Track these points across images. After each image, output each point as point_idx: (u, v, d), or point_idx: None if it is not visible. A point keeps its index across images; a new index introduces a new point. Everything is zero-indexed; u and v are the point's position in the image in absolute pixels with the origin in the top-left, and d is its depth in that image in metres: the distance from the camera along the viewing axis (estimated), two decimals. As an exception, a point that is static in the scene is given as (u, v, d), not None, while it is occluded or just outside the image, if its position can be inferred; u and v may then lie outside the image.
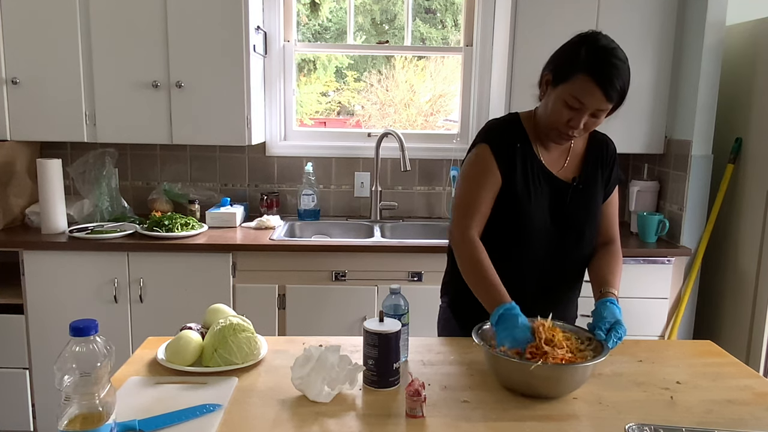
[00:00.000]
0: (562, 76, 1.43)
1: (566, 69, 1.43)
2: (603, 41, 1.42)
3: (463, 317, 1.68)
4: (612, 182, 1.65)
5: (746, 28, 2.66)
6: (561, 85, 1.43)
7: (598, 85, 1.38)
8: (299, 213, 3.02)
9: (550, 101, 1.48)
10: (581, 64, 1.39)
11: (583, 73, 1.39)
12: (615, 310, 1.42)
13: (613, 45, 1.42)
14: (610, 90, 1.38)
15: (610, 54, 1.40)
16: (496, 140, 1.55)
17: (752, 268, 2.55)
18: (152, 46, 2.59)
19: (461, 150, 3.11)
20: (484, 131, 1.60)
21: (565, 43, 1.48)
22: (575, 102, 1.41)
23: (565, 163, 1.60)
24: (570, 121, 1.45)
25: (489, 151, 1.54)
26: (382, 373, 1.30)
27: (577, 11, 2.63)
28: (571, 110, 1.43)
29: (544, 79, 1.50)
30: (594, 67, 1.38)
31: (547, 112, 1.49)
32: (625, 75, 1.40)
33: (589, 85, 1.39)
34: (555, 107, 1.46)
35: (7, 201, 2.69)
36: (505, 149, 1.54)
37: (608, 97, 1.39)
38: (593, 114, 1.44)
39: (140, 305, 2.51)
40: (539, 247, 1.57)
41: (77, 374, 0.92)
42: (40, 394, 2.56)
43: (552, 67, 1.48)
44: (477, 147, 1.58)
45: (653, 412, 1.24)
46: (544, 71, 1.51)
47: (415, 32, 3.26)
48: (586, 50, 1.40)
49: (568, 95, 1.42)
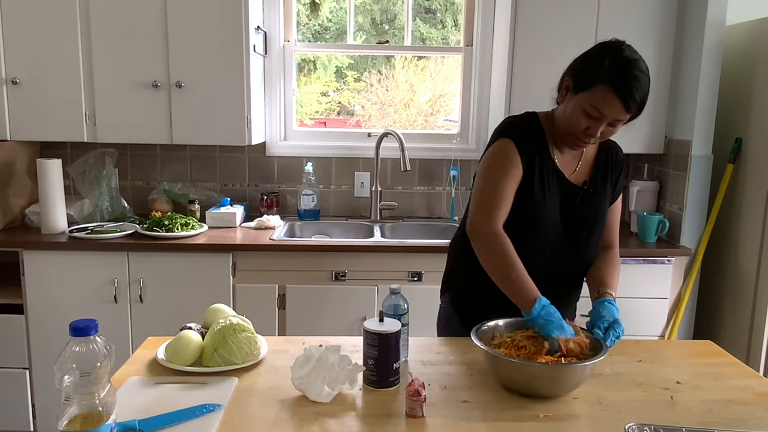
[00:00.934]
0: (583, 84, 1.44)
1: (588, 77, 1.43)
2: (626, 52, 1.42)
3: (466, 314, 1.68)
4: (618, 188, 1.66)
5: (746, 28, 2.66)
6: (582, 93, 1.44)
7: (619, 96, 1.39)
8: (299, 213, 3.02)
9: (569, 107, 1.48)
10: (604, 74, 1.40)
11: (605, 83, 1.39)
12: (613, 310, 1.44)
13: (636, 56, 1.42)
14: (630, 102, 1.39)
15: (632, 65, 1.40)
16: (519, 135, 1.55)
17: (752, 268, 2.55)
18: (152, 46, 2.59)
19: (461, 150, 3.12)
20: (505, 127, 1.59)
21: (588, 51, 1.49)
22: (594, 111, 1.42)
23: (577, 167, 1.60)
24: (588, 129, 1.46)
25: (513, 145, 1.53)
26: (382, 373, 1.30)
27: (577, 11, 2.63)
28: (590, 119, 1.44)
29: (565, 84, 1.50)
30: (616, 79, 1.39)
31: (566, 118, 1.49)
32: (645, 87, 1.41)
33: (609, 96, 1.39)
34: (574, 114, 1.46)
35: (7, 201, 2.69)
36: (527, 146, 1.54)
37: (628, 109, 1.40)
38: (611, 123, 1.45)
39: (140, 305, 2.51)
40: (547, 248, 1.57)
41: (77, 374, 0.92)
42: (40, 394, 2.56)
43: (573, 74, 1.48)
44: (499, 141, 1.56)
45: (653, 412, 1.24)
46: (565, 76, 1.51)
47: (415, 32, 3.26)
48: (609, 60, 1.41)
49: (588, 104, 1.42)
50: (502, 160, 1.54)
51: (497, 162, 1.54)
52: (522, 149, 1.53)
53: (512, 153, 1.53)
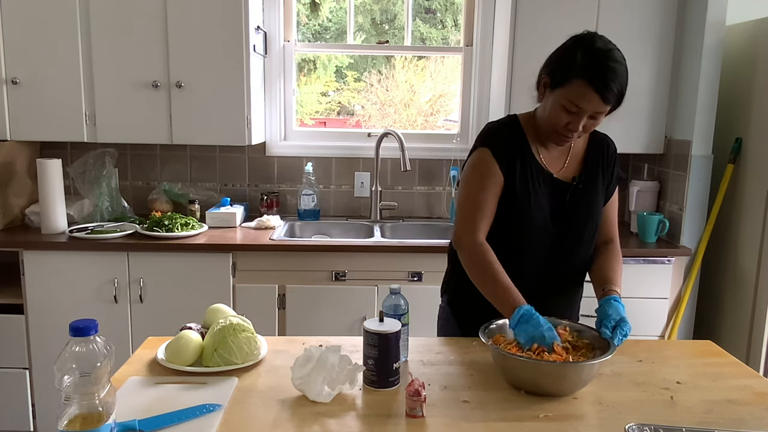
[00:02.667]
0: (558, 80, 1.43)
1: (563, 73, 1.42)
2: (599, 43, 1.41)
3: (462, 317, 1.69)
4: (613, 182, 1.65)
5: (746, 28, 2.66)
6: (558, 89, 1.43)
7: (595, 90, 1.37)
8: (299, 213, 3.02)
9: (548, 104, 1.47)
10: (577, 68, 1.39)
11: (580, 78, 1.38)
12: (619, 308, 1.43)
13: (609, 46, 1.41)
14: (607, 94, 1.38)
15: (606, 57, 1.39)
16: (496, 143, 1.55)
17: (752, 268, 2.55)
18: (152, 46, 2.59)
19: (461, 150, 3.11)
20: (483, 135, 1.60)
21: (561, 46, 1.48)
22: (572, 106, 1.41)
23: (566, 163, 1.60)
24: (569, 124, 1.45)
25: (489, 153, 1.54)
26: (382, 373, 1.30)
27: (577, 11, 2.63)
28: (569, 114, 1.43)
29: (542, 81, 1.50)
30: (590, 72, 1.38)
31: (546, 115, 1.49)
32: (622, 77, 1.39)
33: (585, 90, 1.38)
34: (553, 111, 1.46)
35: (7, 201, 2.69)
36: (504, 151, 1.54)
37: (606, 101, 1.39)
38: (591, 116, 1.44)
39: (140, 305, 2.51)
40: (539, 249, 1.57)
41: (77, 374, 0.92)
42: (40, 394, 2.56)
43: (549, 71, 1.48)
44: (477, 151, 1.57)
45: (653, 412, 1.24)
46: (542, 74, 1.51)
47: (415, 32, 3.26)
48: (582, 54, 1.40)
49: (566, 100, 1.42)
50: (480, 170, 1.55)
51: (476, 173, 1.56)
52: (499, 156, 1.53)
53: (490, 162, 1.53)
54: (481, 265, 1.49)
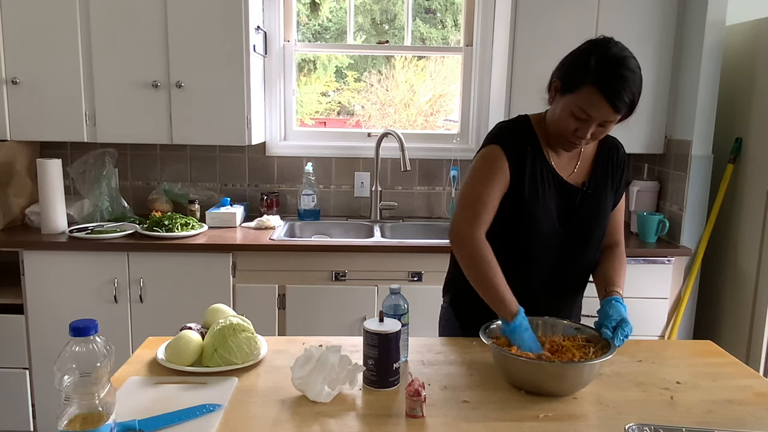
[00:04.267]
0: (570, 85, 1.40)
1: (574, 79, 1.38)
2: (614, 50, 1.37)
3: (464, 317, 1.68)
4: (622, 186, 1.63)
5: (746, 28, 2.66)
6: (569, 94, 1.40)
7: (606, 98, 1.34)
8: (299, 213, 3.02)
9: (557, 109, 1.44)
10: (589, 75, 1.35)
11: (591, 84, 1.34)
12: (621, 309, 1.43)
13: (624, 53, 1.37)
14: (618, 103, 1.34)
15: (619, 65, 1.35)
16: (508, 142, 1.52)
17: (752, 268, 2.55)
18: (152, 46, 2.59)
19: (461, 150, 3.11)
20: (495, 133, 1.56)
21: (575, 50, 1.44)
22: (582, 113, 1.38)
23: (576, 168, 1.57)
24: (577, 131, 1.42)
25: (501, 151, 1.50)
26: (382, 373, 1.30)
27: (577, 11, 2.63)
28: (578, 120, 1.40)
29: (553, 85, 1.46)
30: (602, 79, 1.34)
31: (555, 120, 1.46)
32: (635, 86, 1.35)
33: (596, 98, 1.35)
34: (562, 116, 1.43)
35: (7, 201, 2.69)
36: (516, 151, 1.51)
37: (616, 110, 1.35)
38: (601, 124, 1.40)
39: (140, 305, 2.51)
40: (546, 252, 1.55)
41: (77, 374, 0.92)
42: (40, 394, 2.56)
43: (560, 74, 1.44)
44: (487, 147, 1.54)
45: (653, 412, 1.24)
46: (553, 77, 1.47)
47: (415, 32, 3.26)
48: (595, 60, 1.36)
49: (575, 106, 1.38)
50: (488, 166, 1.51)
51: (484, 168, 1.52)
52: (510, 155, 1.50)
53: (500, 159, 1.50)
54: (478, 260, 1.47)
